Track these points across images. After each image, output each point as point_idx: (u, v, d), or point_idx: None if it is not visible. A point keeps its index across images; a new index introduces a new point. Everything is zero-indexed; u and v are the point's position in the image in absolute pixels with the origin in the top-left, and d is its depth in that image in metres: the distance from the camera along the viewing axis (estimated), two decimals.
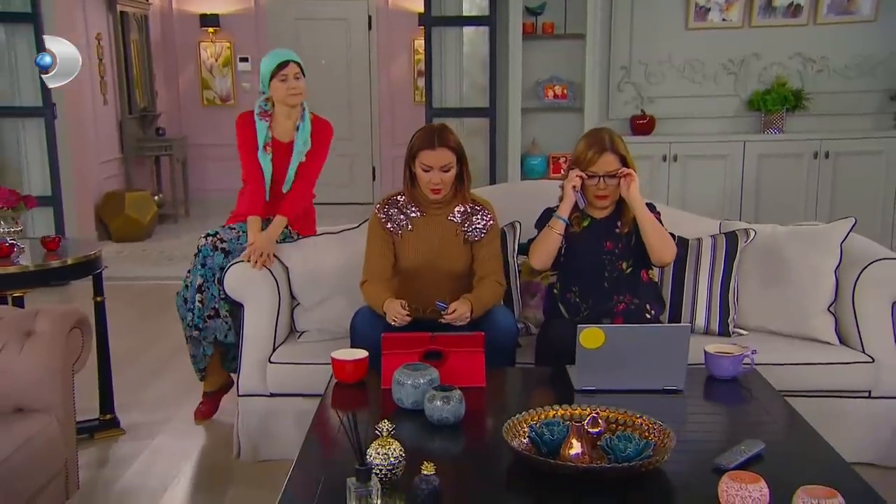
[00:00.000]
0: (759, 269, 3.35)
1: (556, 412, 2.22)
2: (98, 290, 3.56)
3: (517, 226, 3.35)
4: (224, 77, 9.54)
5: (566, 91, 5.87)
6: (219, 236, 3.53)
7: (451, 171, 3.00)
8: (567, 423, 2.11)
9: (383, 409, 2.44)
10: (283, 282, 3.31)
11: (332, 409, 2.50)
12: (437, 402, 2.28)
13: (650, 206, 3.06)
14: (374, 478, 1.79)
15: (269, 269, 3.28)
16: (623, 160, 3.00)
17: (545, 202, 3.15)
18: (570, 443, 2.00)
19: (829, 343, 3.19)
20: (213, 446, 3.52)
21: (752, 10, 5.90)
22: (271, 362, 3.17)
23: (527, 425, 2.14)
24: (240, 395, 3.21)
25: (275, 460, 3.16)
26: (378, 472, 1.89)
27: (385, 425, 1.99)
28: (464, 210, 3.09)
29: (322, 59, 9.14)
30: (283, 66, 3.49)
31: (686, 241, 3.36)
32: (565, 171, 3.14)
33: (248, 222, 3.49)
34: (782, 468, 2.05)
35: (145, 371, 4.36)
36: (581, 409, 2.22)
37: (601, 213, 3.09)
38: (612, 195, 3.03)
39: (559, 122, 5.93)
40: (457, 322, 2.85)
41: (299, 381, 3.10)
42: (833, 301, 3.22)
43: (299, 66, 3.53)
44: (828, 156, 5.80)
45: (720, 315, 3.29)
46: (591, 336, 2.52)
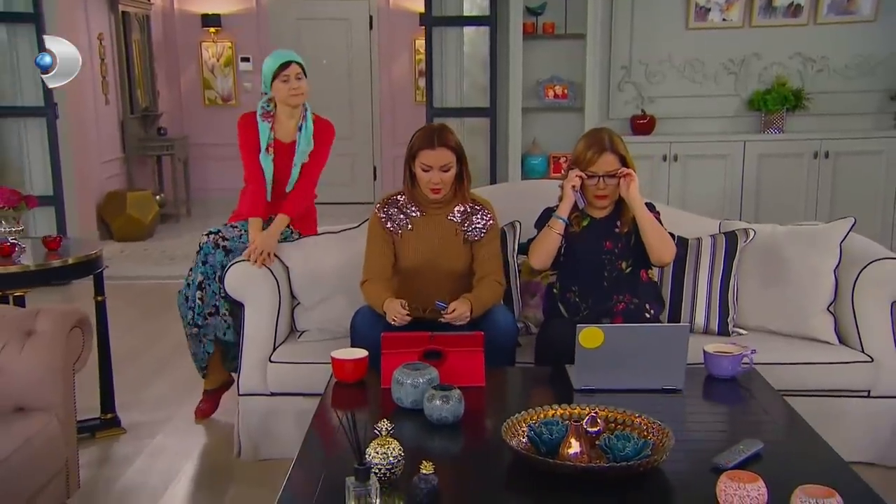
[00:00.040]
0: (759, 269, 3.35)
1: (556, 412, 2.22)
2: (99, 289, 3.57)
3: (517, 225, 3.36)
4: (225, 77, 9.55)
5: (566, 91, 5.88)
6: (221, 234, 3.54)
7: (451, 171, 3.01)
8: (566, 422, 2.11)
9: (383, 409, 2.44)
10: (283, 281, 3.31)
11: (331, 408, 2.50)
12: (437, 402, 2.29)
13: (650, 206, 3.06)
14: (373, 477, 1.79)
15: (270, 269, 3.29)
16: (623, 160, 3.00)
17: (545, 202, 3.15)
18: (569, 442, 2.01)
19: (828, 343, 3.19)
20: (213, 445, 3.52)
21: (753, 10, 5.90)
22: (272, 362, 3.18)
23: (526, 425, 2.15)
24: (240, 395, 3.22)
25: (275, 459, 3.16)
26: (377, 471, 1.89)
27: (384, 425, 2.00)
28: (464, 210, 3.09)
29: (323, 58, 9.15)
30: (284, 66, 3.50)
31: (686, 240, 3.36)
32: (565, 171, 3.14)
33: (249, 223, 3.50)
34: (781, 468, 2.05)
35: (146, 370, 4.37)
36: (580, 409, 2.22)
37: (601, 213, 3.09)
38: (611, 195, 3.04)
39: (559, 122, 5.93)
40: (456, 322, 2.85)
41: (299, 380, 3.11)
42: (832, 301, 3.22)
43: (301, 67, 3.53)
44: (828, 156, 5.80)
45: (720, 315, 3.30)
46: (590, 336, 2.53)
